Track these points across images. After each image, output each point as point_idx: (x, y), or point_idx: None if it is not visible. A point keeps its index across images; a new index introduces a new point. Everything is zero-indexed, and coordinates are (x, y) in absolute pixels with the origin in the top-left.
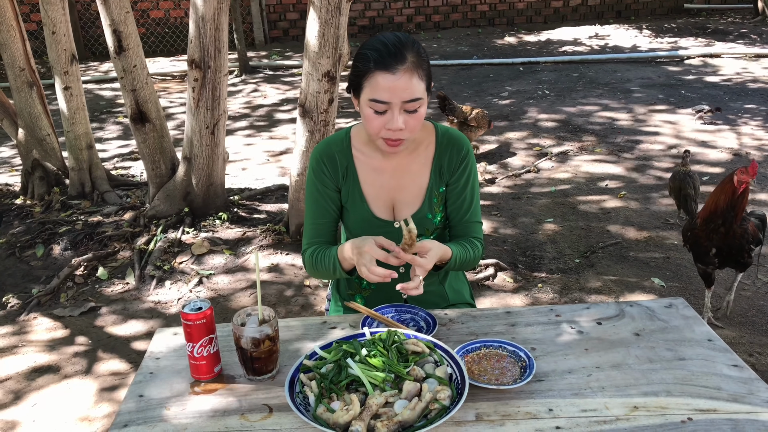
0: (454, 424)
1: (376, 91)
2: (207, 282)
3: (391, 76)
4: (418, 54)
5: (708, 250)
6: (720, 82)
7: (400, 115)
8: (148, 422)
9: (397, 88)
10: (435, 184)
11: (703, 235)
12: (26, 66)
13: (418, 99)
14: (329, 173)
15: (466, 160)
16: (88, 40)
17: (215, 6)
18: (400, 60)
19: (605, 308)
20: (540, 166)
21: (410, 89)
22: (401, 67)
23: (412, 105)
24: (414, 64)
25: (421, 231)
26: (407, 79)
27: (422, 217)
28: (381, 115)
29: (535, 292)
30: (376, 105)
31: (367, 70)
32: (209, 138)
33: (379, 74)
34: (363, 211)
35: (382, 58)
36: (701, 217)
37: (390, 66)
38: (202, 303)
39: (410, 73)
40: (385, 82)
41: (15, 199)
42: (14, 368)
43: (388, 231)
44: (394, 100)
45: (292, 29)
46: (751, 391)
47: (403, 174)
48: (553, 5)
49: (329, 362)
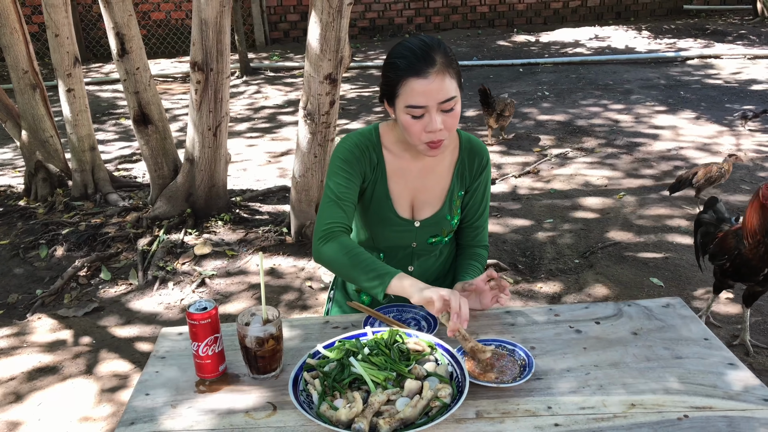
0: (454, 422)
1: (411, 97)
2: (209, 282)
3: (424, 81)
4: (445, 54)
5: (760, 269)
6: (719, 83)
7: (438, 116)
8: (155, 420)
9: (431, 91)
10: (456, 188)
11: (752, 255)
12: (29, 68)
13: (452, 98)
14: (361, 160)
15: (486, 169)
16: (90, 42)
17: (217, 9)
18: (430, 63)
19: (603, 308)
20: (539, 167)
21: (444, 90)
22: (432, 69)
23: (448, 104)
24: (444, 65)
25: (438, 231)
26: (440, 80)
27: (441, 218)
28: (419, 119)
29: (534, 292)
30: (414, 110)
31: (399, 78)
32: (211, 140)
33: (412, 80)
34: (386, 209)
35: (412, 64)
36: (749, 236)
37: (421, 71)
38: (207, 303)
39: (442, 74)
40: (419, 86)
41: (18, 201)
42: (19, 368)
43: (407, 230)
44: (430, 103)
45: (292, 30)
46: (746, 389)
47: (427, 175)
48: (552, 6)
49: (332, 361)
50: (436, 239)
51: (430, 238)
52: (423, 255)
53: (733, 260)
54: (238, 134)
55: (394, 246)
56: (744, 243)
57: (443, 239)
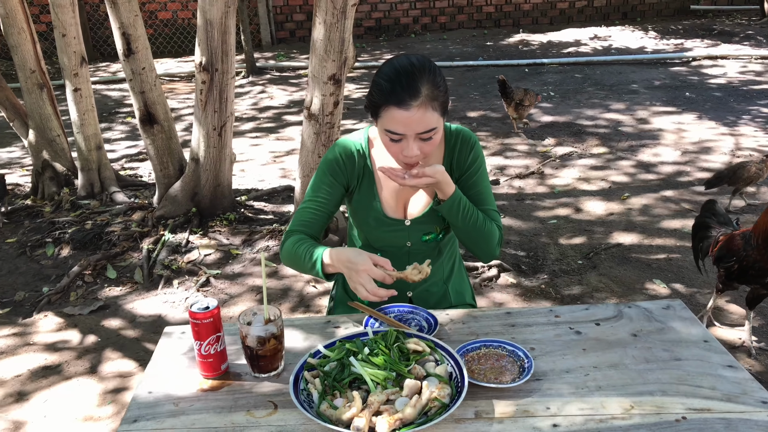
0: (453, 422)
1: (390, 123)
2: (214, 281)
3: (405, 113)
4: (433, 84)
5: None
6: (725, 83)
7: (415, 144)
8: (157, 418)
9: (411, 122)
10: None
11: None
12: (37, 68)
13: (432, 129)
14: (344, 170)
15: (474, 151)
16: (97, 41)
17: (222, 10)
18: (413, 95)
19: (604, 309)
20: (544, 167)
21: (424, 122)
22: (415, 103)
23: (426, 135)
24: (428, 97)
25: (430, 229)
26: (421, 114)
27: (432, 214)
28: (397, 142)
29: (537, 293)
30: (392, 135)
31: (382, 102)
32: (216, 140)
33: (393, 109)
34: (375, 211)
35: (396, 92)
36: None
37: (403, 102)
38: (210, 302)
39: (424, 107)
40: (399, 116)
41: (26, 199)
42: (25, 366)
43: (398, 229)
44: (408, 133)
45: (298, 30)
46: (745, 391)
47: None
48: (558, 6)
49: (333, 360)
50: (429, 236)
51: (424, 235)
52: (420, 254)
53: (740, 262)
54: (242, 134)
55: (389, 245)
56: (752, 245)
57: (437, 236)
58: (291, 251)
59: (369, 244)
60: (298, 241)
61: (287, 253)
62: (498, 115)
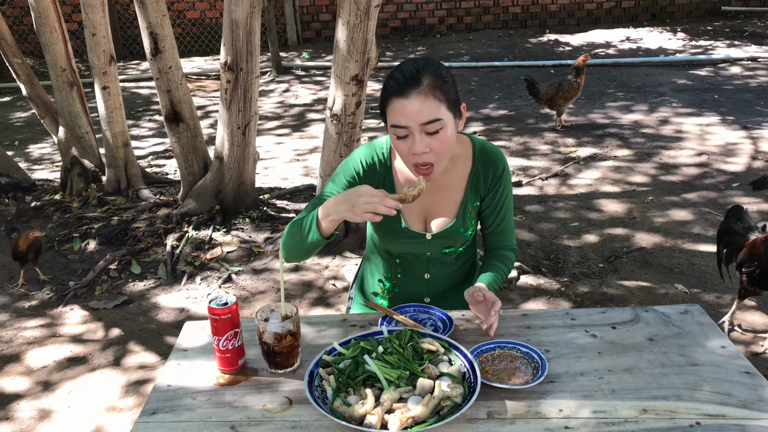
0: (465, 422)
1: (394, 117)
2: (236, 278)
3: (405, 100)
4: (437, 76)
5: None
6: (755, 86)
7: (421, 138)
8: (175, 410)
9: (412, 111)
10: (470, 199)
11: None
12: (67, 66)
13: (436, 120)
14: (363, 178)
15: (503, 177)
16: (126, 40)
17: (248, 10)
18: (414, 84)
19: (620, 313)
20: (567, 169)
21: (425, 111)
22: (414, 90)
23: (431, 126)
24: (430, 86)
25: (451, 243)
26: (421, 101)
27: (455, 231)
28: (404, 140)
29: (556, 295)
30: (397, 130)
31: (386, 98)
32: (240, 138)
33: (395, 100)
34: (396, 222)
35: (399, 85)
36: None
37: (404, 91)
38: (228, 298)
39: (424, 95)
40: (400, 106)
41: (55, 195)
42: (51, 357)
43: (419, 243)
44: (411, 124)
45: (324, 30)
46: (761, 398)
47: (439, 188)
48: (586, 7)
49: (347, 358)
50: (450, 250)
51: (444, 249)
52: (438, 263)
53: (761, 267)
54: (267, 132)
55: (408, 254)
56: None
57: (457, 249)
58: (288, 231)
59: (387, 250)
60: (292, 224)
61: (285, 235)
62: (520, 115)
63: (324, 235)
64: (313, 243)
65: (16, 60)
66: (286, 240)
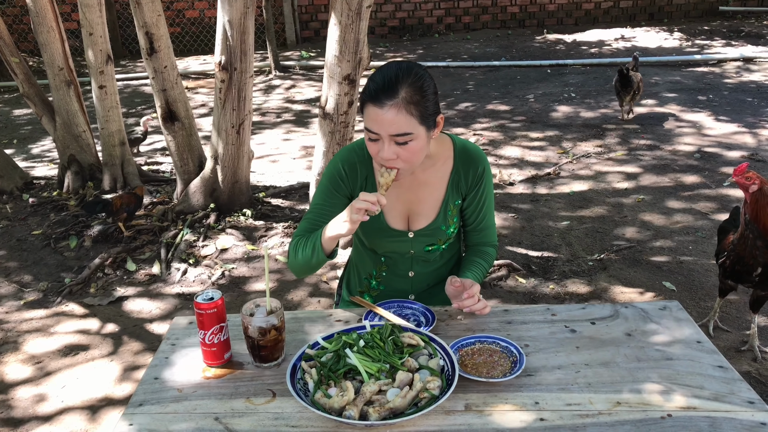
0: (443, 413)
1: (367, 121)
2: (229, 275)
3: (379, 110)
4: (415, 89)
5: (752, 268)
6: (751, 86)
7: (390, 146)
8: (162, 402)
9: (383, 122)
10: (451, 198)
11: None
12: (65, 65)
13: (406, 134)
14: (347, 181)
15: (483, 177)
16: (126, 39)
17: (242, 10)
18: (389, 95)
19: (600, 309)
20: (560, 168)
21: (396, 124)
22: (389, 102)
23: (401, 138)
24: (405, 100)
25: (433, 241)
26: (393, 113)
27: (436, 228)
28: (375, 142)
29: (545, 293)
30: (369, 134)
31: (363, 100)
32: (235, 137)
33: (369, 106)
34: (378, 222)
35: (375, 92)
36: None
37: (378, 100)
38: (214, 293)
39: (397, 108)
40: (373, 114)
41: (52, 192)
42: (45, 351)
43: (402, 241)
44: (382, 132)
45: (323, 30)
46: (732, 391)
47: (420, 187)
48: (584, 7)
49: (330, 352)
50: (433, 247)
51: (427, 246)
52: (422, 260)
53: (729, 258)
54: (265, 130)
55: (392, 252)
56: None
57: (440, 247)
58: (293, 249)
59: (372, 249)
60: (297, 244)
61: (291, 253)
62: (515, 113)
63: (326, 252)
64: (320, 258)
65: (14, 59)
66: (295, 265)
